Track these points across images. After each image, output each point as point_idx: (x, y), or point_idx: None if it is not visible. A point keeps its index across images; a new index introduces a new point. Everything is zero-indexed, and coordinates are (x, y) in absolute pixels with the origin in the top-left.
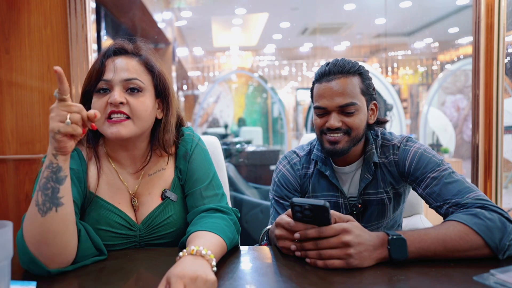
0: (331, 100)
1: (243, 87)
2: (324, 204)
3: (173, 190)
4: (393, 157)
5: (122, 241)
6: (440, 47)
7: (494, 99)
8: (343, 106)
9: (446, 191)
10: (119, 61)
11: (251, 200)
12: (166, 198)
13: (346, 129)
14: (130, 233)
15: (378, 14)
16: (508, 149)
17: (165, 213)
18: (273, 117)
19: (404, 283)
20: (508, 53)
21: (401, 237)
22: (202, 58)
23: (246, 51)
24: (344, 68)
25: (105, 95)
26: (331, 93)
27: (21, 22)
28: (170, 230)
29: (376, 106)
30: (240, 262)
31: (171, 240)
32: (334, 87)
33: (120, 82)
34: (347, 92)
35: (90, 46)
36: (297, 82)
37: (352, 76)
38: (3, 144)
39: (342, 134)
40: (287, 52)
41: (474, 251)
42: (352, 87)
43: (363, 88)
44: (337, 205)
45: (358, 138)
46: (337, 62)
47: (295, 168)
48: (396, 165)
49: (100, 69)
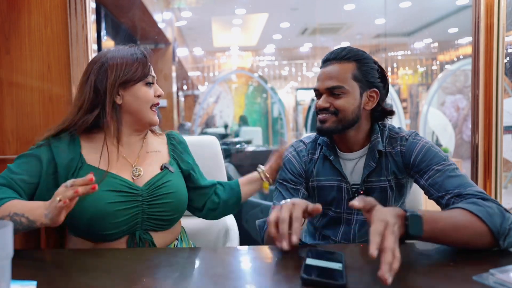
0: (322, 83)
1: (243, 87)
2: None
3: (170, 165)
4: (400, 148)
5: (126, 199)
6: (440, 47)
7: (494, 99)
8: (329, 89)
9: (448, 183)
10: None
11: (251, 200)
12: (165, 168)
13: (333, 110)
14: (133, 192)
15: (378, 14)
16: (508, 149)
17: (165, 178)
18: (273, 117)
19: (404, 283)
20: (507, 53)
21: (418, 214)
22: (202, 58)
23: (246, 51)
24: (339, 55)
25: (151, 87)
26: (323, 77)
27: (21, 22)
28: (171, 191)
29: (376, 93)
30: (240, 262)
31: (172, 201)
32: (326, 72)
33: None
34: (336, 76)
35: (90, 46)
36: (297, 82)
37: (346, 63)
38: (3, 144)
39: (329, 114)
40: (287, 52)
41: (479, 237)
42: (343, 73)
43: (356, 74)
44: (340, 189)
45: (348, 121)
46: (336, 50)
47: (301, 154)
48: (403, 156)
49: (149, 65)
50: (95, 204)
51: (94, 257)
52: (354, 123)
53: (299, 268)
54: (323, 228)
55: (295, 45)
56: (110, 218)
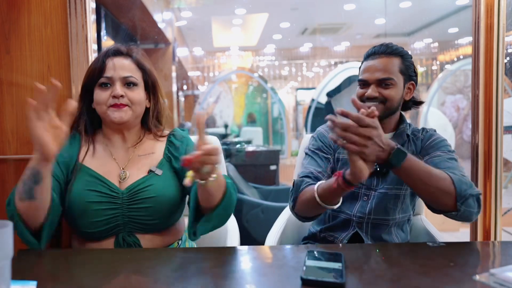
0: (372, 74)
1: (243, 87)
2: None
3: (159, 167)
4: (421, 135)
5: (105, 200)
6: (440, 47)
7: (494, 99)
8: (381, 80)
9: (442, 165)
10: (117, 60)
11: (251, 200)
12: (151, 172)
13: (382, 99)
14: (113, 194)
15: (378, 14)
16: (508, 149)
17: (148, 182)
18: (273, 117)
19: (404, 283)
20: (507, 53)
21: (404, 151)
22: (202, 58)
23: (246, 51)
24: (387, 49)
25: (107, 89)
26: (373, 69)
27: (21, 22)
28: (151, 195)
29: (413, 85)
30: (240, 262)
31: (151, 205)
32: (376, 64)
33: (119, 79)
34: (386, 69)
35: (90, 46)
36: (297, 82)
37: (394, 57)
38: (3, 144)
39: (378, 103)
40: (287, 52)
41: (444, 193)
42: (392, 66)
43: (402, 68)
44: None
45: (392, 109)
46: (383, 44)
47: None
48: (422, 142)
49: (101, 67)
50: (78, 201)
51: (94, 257)
52: (396, 110)
53: (299, 268)
54: (341, 205)
55: (295, 45)
56: (90, 216)
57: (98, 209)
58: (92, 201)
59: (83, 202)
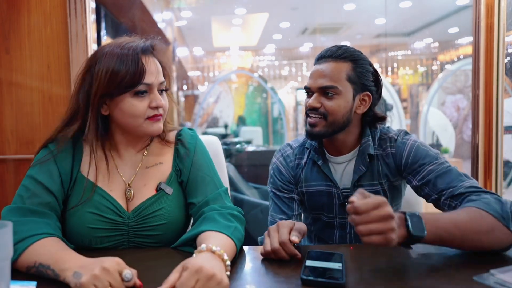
0: (315, 81)
1: (243, 87)
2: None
3: (169, 184)
4: (390, 149)
5: (109, 227)
6: (440, 47)
7: (494, 99)
8: (322, 88)
9: (440, 181)
10: (153, 61)
11: (251, 200)
12: (160, 190)
13: (323, 112)
14: (118, 219)
15: (378, 14)
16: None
17: (157, 204)
18: (273, 117)
19: (405, 284)
20: (508, 53)
21: (417, 214)
22: (202, 58)
23: (246, 51)
24: (335, 53)
25: (144, 98)
26: (316, 75)
27: (21, 22)
28: (161, 222)
29: (369, 97)
30: (240, 262)
31: (161, 233)
32: (320, 69)
33: (157, 85)
34: (330, 75)
35: (90, 46)
36: (297, 82)
37: (342, 62)
38: (3, 144)
39: (319, 118)
40: (287, 52)
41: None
42: (337, 72)
43: (351, 75)
44: (330, 195)
45: (337, 124)
46: (332, 47)
47: (288, 160)
48: (394, 158)
49: (141, 71)
50: (78, 225)
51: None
52: (344, 126)
53: (299, 268)
54: (319, 232)
55: (295, 45)
56: (92, 242)
57: (101, 236)
58: (95, 227)
59: (84, 228)
